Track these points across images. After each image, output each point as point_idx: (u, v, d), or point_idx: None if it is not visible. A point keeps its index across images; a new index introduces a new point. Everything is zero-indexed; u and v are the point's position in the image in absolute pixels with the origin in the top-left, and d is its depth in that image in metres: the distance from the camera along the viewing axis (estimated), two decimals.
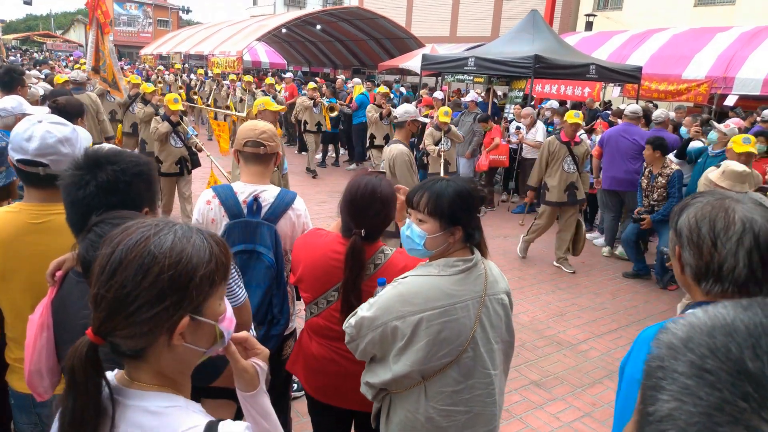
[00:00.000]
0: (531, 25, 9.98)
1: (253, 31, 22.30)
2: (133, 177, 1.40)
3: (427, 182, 1.78)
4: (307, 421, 3.27)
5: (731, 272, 1.23)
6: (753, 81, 10.98)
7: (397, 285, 1.72)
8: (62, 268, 1.44)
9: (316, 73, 26.35)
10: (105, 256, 0.92)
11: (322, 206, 8.35)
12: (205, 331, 0.98)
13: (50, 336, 1.40)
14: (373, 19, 22.30)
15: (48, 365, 1.42)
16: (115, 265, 0.90)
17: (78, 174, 1.36)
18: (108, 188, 1.35)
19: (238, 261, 2.24)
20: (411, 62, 18.72)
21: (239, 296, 1.54)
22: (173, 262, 0.91)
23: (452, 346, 1.67)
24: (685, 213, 1.31)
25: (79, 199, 1.34)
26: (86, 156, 1.39)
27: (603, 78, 9.95)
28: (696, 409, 0.48)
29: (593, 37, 16.16)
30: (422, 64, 10.93)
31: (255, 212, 2.30)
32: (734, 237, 1.22)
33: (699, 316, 0.56)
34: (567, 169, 6.17)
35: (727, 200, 1.27)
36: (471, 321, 1.68)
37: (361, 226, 1.93)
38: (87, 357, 0.90)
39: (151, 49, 29.83)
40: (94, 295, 0.93)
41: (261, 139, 2.37)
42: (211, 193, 2.37)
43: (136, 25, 46.44)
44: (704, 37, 12.91)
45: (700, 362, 0.50)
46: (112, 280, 0.90)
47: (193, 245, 0.94)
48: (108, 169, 1.36)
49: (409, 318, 1.64)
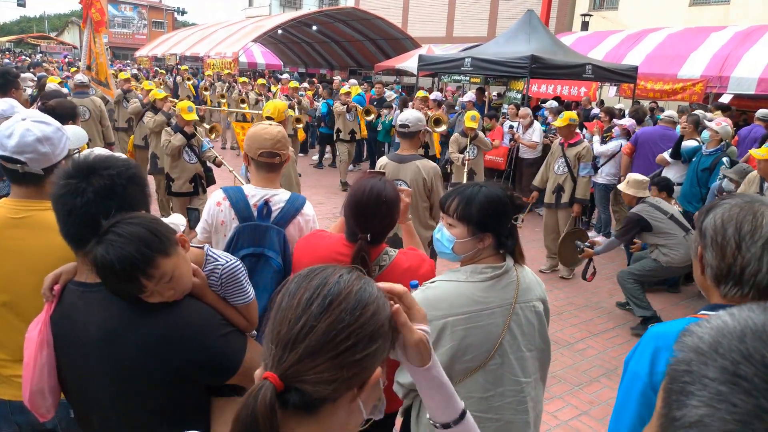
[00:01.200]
0: (527, 25, 10.00)
1: (248, 32, 22.29)
2: (128, 180, 1.38)
3: (460, 187, 1.77)
4: None
5: (753, 276, 1.21)
6: (748, 80, 11.03)
7: (425, 289, 1.71)
8: (59, 281, 1.39)
9: (313, 74, 26.33)
10: (310, 288, 0.82)
11: (320, 207, 8.35)
12: (374, 391, 0.86)
13: (51, 353, 1.35)
14: (369, 20, 22.32)
15: (50, 384, 1.37)
16: (332, 297, 0.80)
17: (72, 183, 1.32)
18: (105, 193, 1.32)
19: (246, 264, 2.24)
20: (407, 63, 18.75)
21: (249, 294, 1.55)
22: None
23: (477, 352, 1.66)
24: (712, 213, 1.28)
25: (78, 207, 1.31)
26: (76, 164, 1.35)
27: (599, 78, 9.98)
28: (731, 416, 0.47)
29: (589, 37, 16.21)
30: (419, 65, 10.95)
31: (265, 216, 2.30)
32: (760, 241, 1.19)
33: (725, 319, 0.55)
34: (556, 170, 6.12)
35: (757, 204, 1.24)
36: (498, 328, 1.66)
37: (367, 231, 1.91)
38: (271, 406, 0.75)
39: (147, 50, 29.77)
40: (285, 331, 0.79)
41: (276, 149, 2.34)
42: (221, 195, 2.36)
43: (131, 26, 46.37)
44: (699, 37, 12.97)
45: (733, 368, 0.49)
46: (325, 313, 0.79)
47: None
48: (104, 174, 1.34)
49: (434, 322, 1.63)
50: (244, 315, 1.53)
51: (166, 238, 1.28)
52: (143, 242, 1.23)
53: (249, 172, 2.51)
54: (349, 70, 26.10)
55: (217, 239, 2.38)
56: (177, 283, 1.30)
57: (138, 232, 1.23)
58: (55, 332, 1.36)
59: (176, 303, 1.33)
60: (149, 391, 1.31)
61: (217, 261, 1.50)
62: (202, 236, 2.42)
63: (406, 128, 3.84)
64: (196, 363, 1.33)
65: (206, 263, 1.49)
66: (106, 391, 1.32)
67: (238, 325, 1.49)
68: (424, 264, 1.99)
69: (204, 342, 1.34)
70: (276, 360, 0.79)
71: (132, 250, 1.21)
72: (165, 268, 1.26)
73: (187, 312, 1.35)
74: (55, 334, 1.36)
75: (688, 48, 12.71)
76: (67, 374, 1.38)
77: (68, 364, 1.37)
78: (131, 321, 1.30)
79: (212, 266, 1.49)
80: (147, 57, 28.21)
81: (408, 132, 3.84)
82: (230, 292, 1.51)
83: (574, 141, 6.06)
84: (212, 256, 1.51)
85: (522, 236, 1.90)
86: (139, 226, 1.24)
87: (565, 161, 6.05)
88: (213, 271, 1.49)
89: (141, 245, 1.22)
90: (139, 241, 1.22)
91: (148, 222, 1.27)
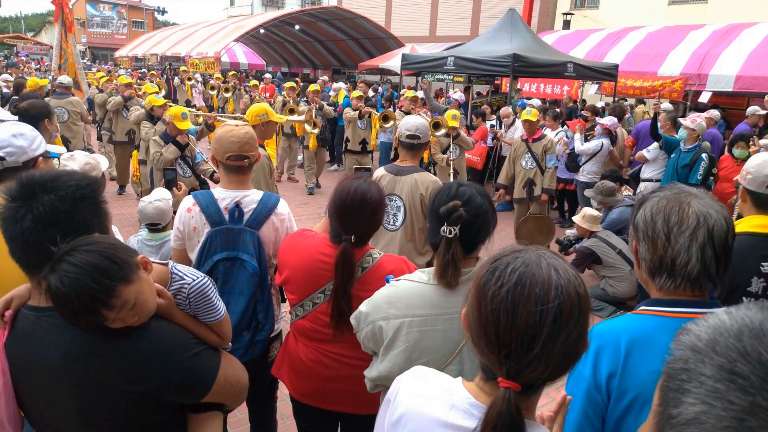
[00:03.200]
0: (509, 24, 10.06)
1: (230, 31, 22.10)
2: (74, 203, 1.25)
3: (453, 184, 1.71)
4: (291, 423, 3.25)
5: (684, 267, 1.21)
6: (726, 77, 11.22)
7: (389, 287, 1.70)
8: (11, 306, 1.31)
9: (296, 74, 26.22)
10: (531, 300, 0.89)
11: (304, 208, 8.30)
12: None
13: (8, 381, 1.27)
14: (353, 19, 22.27)
15: (9, 414, 1.29)
16: (556, 314, 0.88)
17: (12, 206, 1.22)
18: (46, 221, 1.21)
19: (221, 269, 2.20)
20: (391, 62, 18.75)
21: (220, 311, 1.47)
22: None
23: (434, 356, 1.61)
24: (643, 207, 1.29)
25: (18, 233, 1.21)
26: (20, 184, 1.25)
27: (581, 76, 10.07)
28: (727, 413, 0.47)
29: (571, 36, 16.36)
30: (402, 64, 10.94)
31: (237, 219, 2.25)
32: (687, 231, 1.20)
33: (723, 318, 0.55)
34: (524, 165, 6.34)
35: (684, 194, 1.25)
36: (458, 335, 1.59)
37: (351, 233, 1.89)
38: (517, 409, 0.88)
39: (127, 50, 29.37)
40: (517, 348, 0.88)
41: (244, 151, 2.30)
42: (191, 201, 2.31)
43: (110, 26, 45.72)
44: (678, 35, 13.16)
45: (729, 366, 0.49)
46: (559, 333, 0.88)
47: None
48: (44, 199, 1.22)
49: (392, 321, 1.63)
50: (216, 332, 1.46)
51: (126, 263, 1.20)
52: (101, 272, 1.15)
53: (220, 177, 2.46)
54: (332, 69, 26.03)
55: (191, 245, 2.33)
56: (140, 308, 1.23)
57: (94, 260, 1.15)
58: (10, 360, 1.27)
59: (141, 326, 1.26)
60: (117, 413, 1.26)
61: (183, 279, 1.41)
62: (175, 244, 2.37)
63: (416, 139, 3.32)
64: (165, 385, 1.28)
65: (171, 282, 1.41)
66: (71, 416, 1.27)
67: (210, 343, 1.43)
68: (407, 269, 1.97)
69: (172, 364, 1.28)
70: (512, 372, 0.89)
71: (89, 281, 1.13)
72: (127, 296, 1.18)
73: (153, 334, 1.29)
74: (11, 361, 1.27)
75: (668, 46, 12.89)
76: (28, 401, 1.31)
77: (28, 391, 1.30)
78: (95, 345, 1.23)
79: (178, 285, 1.41)
80: (127, 57, 27.82)
81: (417, 144, 3.34)
82: (200, 311, 1.43)
83: (537, 136, 6.33)
84: (178, 274, 1.42)
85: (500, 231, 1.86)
86: (95, 253, 1.16)
87: (532, 156, 6.29)
88: (179, 290, 1.41)
89: (99, 275, 1.14)
90: (96, 271, 1.14)
91: (105, 247, 1.19)
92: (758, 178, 2.19)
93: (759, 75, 10.73)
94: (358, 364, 1.90)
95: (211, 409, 1.43)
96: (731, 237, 1.23)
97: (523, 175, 6.35)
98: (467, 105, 10.66)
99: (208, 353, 1.39)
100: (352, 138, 8.72)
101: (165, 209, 3.04)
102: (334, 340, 1.97)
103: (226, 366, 1.41)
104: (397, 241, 3.36)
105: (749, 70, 10.96)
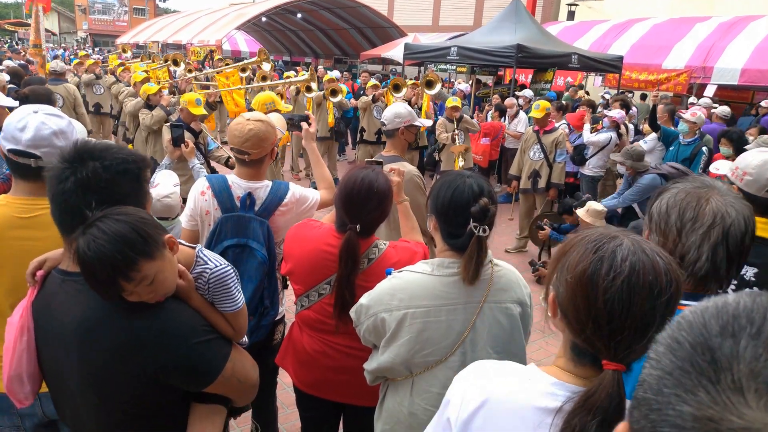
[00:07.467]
0: (513, 15, 9.99)
1: (232, 19, 21.95)
2: (116, 174, 1.30)
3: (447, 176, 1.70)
4: (291, 412, 3.26)
5: (692, 265, 1.18)
6: (731, 71, 11.15)
7: (392, 278, 1.69)
8: (44, 267, 1.36)
9: (297, 63, 26.08)
10: (643, 294, 0.89)
11: None
12: None
13: (31, 339, 1.33)
14: (355, 8, 22.10)
15: (29, 370, 1.34)
16: (652, 276, 0.89)
17: (60, 167, 1.29)
18: (86, 185, 1.27)
19: (230, 255, 2.21)
20: (393, 52, 18.63)
21: (238, 301, 1.47)
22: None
23: (436, 347, 1.61)
24: (660, 197, 1.26)
25: (58, 193, 1.27)
26: (74, 148, 1.31)
27: (585, 67, 10.02)
28: (656, 372, 0.51)
29: (575, 27, 16.25)
30: (404, 54, 10.88)
31: (248, 207, 2.27)
32: (701, 229, 1.17)
33: (706, 304, 0.56)
34: (532, 156, 6.32)
35: (705, 189, 1.21)
36: (461, 325, 1.60)
37: (357, 222, 1.88)
38: (621, 387, 0.89)
39: (128, 38, 29.21)
40: (629, 336, 0.90)
41: (244, 147, 2.27)
42: (206, 184, 2.33)
43: (111, 13, 45.41)
44: (684, 27, 13.06)
45: (676, 334, 0.53)
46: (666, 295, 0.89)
47: None
48: (89, 165, 1.28)
49: (395, 312, 1.62)
50: (231, 323, 1.45)
51: (153, 239, 1.22)
52: (126, 243, 1.17)
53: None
54: (334, 58, 25.88)
55: (202, 228, 2.36)
56: (158, 286, 1.25)
57: (122, 230, 1.17)
58: (35, 319, 1.33)
59: (157, 305, 1.28)
60: (118, 389, 1.27)
61: (206, 264, 1.43)
62: (188, 224, 2.39)
63: (384, 126, 3.41)
64: (168, 368, 1.28)
65: (195, 265, 1.42)
66: (77, 385, 1.30)
67: (223, 333, 1.42)
68: (415, 257, 1.95)
69: (178, 347, 1.29)
70: (622, 356, 0.91)
71: (113, 250, 1.16)
72: (147, 272, 1.20)
73: (167, 315, 1.30)
74: (35, 320, 1.33)
75: (673, 38, 12.80)
76: (46, 362, 1.36)
77: (46, 352, 1.34)
78: (106, 317, 1.25)
79: (201, 269, 1.42)
80: (129, 44, 27.67)
81: (387, 131, 3.40)
82: (218, 298, 1.43)
83: (549, 128, 6.28)
84: (203, 258, 1.44)
85: (503, 223, 1.84)
86: (125, 224, 1.19)
87: (541, 148, 6.26)
88: (201, 274, 1.42)
89: (124, 246, 1.17)
90: (122, 241, 1.17)
91: (136, 220, 1.21)
92: (759, 181, 2.01)
93: (765, 68, 10.66)
94: (361, 356, 1.89)
95: (216, 403, 1.43)
96: (749, 238, 1.19)
97: (530, 165, 6.31)
98: (471, 96, 10.60)
99: (219, 342, 1.38)
100: (368, 128, 8.42)
101: (174, 204, 3.06)
102: (338, 331, 1.97)
103: (236, 359, 1.40)
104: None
105: (755, 63, 10.89)
